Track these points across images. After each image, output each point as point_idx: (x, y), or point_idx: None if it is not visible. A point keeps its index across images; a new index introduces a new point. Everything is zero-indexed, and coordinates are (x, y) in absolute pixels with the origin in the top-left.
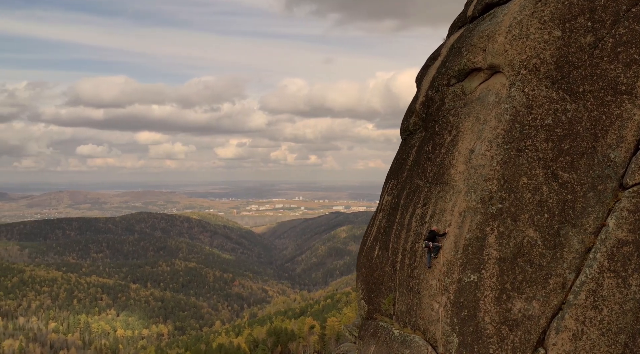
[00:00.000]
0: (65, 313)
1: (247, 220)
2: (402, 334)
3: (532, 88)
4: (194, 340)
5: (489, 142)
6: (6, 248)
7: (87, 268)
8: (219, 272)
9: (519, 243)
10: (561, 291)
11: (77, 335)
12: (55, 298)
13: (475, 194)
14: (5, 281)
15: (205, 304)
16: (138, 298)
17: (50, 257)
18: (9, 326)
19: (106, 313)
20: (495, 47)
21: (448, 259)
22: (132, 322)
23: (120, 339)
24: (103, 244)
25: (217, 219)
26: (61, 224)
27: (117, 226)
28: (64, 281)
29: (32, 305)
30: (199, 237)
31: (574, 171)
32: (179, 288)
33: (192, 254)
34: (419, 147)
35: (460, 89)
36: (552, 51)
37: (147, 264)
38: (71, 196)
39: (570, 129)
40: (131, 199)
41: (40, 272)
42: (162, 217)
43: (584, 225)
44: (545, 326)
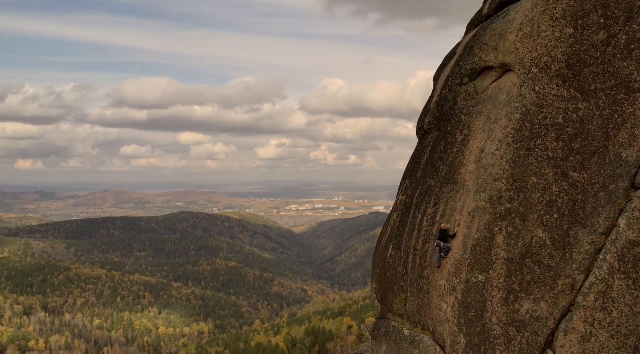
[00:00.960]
0: (109, 310)
1: (286, 220)
2: (412, 334)
3: (543, 86)
4: (234, 339)
5: (499, 141)
6: (53, 246)
7: (130, 266)
8: (259, 271)
9: (528, 243)
10: (570, 292)
11: (121, 332)
12: (99, 295)
13: (484, 193)
14: (52, 279)
15: (245, 303)
16: (179, 296)
17: (95, 256)
18: (55, 322)
19: (148, 310)
20: (506, 45)
21: (456, 259)
22: (174, 320)
23: (162, 337)
24: (146, 242)
25: (257, 218)
26: (105, 223)
27: (159, 225)
28: (108, 278)
29: (78, 302)
30: (239, 236)
31: (584, 171)
32: (219, 287)
33: (232, 254)
34: (432, 147)
35: (473, 87)
36: (564, 49)
37: (189, 263)
38: (115, 195)
39: (581, 128)
40: (173, 199)
41: (85, 270)
42: (203, 217)
43: (594, 225)
44: (554, 328)
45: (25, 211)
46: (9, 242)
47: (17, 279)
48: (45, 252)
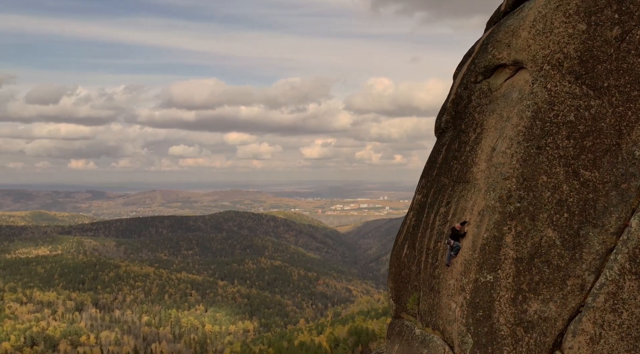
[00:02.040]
0: (157, 307)
1: (331, 219)
2: (423, 334)
3: (555, 84)
4: (278, 337)
5: (510, 139)
6: (104, 244)
7: (177, 265)
8: (304, 271)
9: (537, 243)
10: (580, 293)
11: (168, 329)
12: (148, 292)
13: (494, 192)
14: (102, 276)
15: (290, 302)
16: (225, 294)
17: (144, 254)
18: (105, 318)
19: (195, 308)
20: (518, 43)
21: (466, 259)
22: (220, 318)
23: (208, 334)
24: (193, 241)
25: (302, 218)
26: (154, 222)
27: (206, 224)
28: (156, 276)
29: (127, 299)
30: (284, 236)
31: (596, 169)
32: (264, 286)
33: (277, 253)
34: (448, 146)
35: (487, 85)
36: (577, 45)
37: (234, 261)
38: (164, 194)
39: (594, 126)
40: (220, 198)
41: (134, 267)
42: (249, 216)
43: (605, 225)
44: (562, 329)
45: (78, 210)
46: (63, 240)
47: (70, 276)
48: (96, 250)
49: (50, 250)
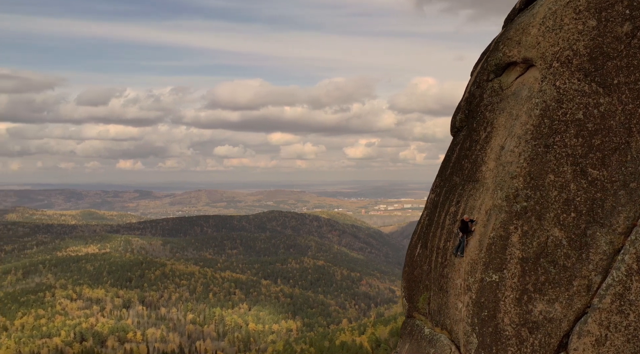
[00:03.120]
0: (201, 306)
1: (375, 219)
2: (431, 333)
3: (564, 81)
4: (320, 337)
5: (518, 138)
6: (151, 243)
7: (222, 264)
8: (347, 270)
9: (543, 243)
10: (586, 294)
11: (212, 327)
12: (192, 291)
13: (501, 191)
14: (148, 274)
15: (333, 302)
16: (269, 293)
17: (189, 253)
18: (151, 315)
19: (239, 307)
20: (528, 40)
21: (472, 258)
22: (263, 317)
23: (251, 333)
24: (237, 241)
25: (345, 218)
26: (199, 221)
27: (250, 223)
28: (201, 275)
29: (172, 297)
30: (327, 236)
31: (604, 168)
32: (307, 285)
33: (320, 253)
34: (461, 145)
35: (498, 84)
36: (586, 42)
37: (278, 261)
38: (209, 194)
39: (602, 124)
40: (264, 198)
41: (179, 266)
42: (292, 216)
43: (613, 225)
44: (568, 330)
45: (125, 209)
46: (111, 239)
47: (118, 274)
48: (143, 248)
49: (99, 248)
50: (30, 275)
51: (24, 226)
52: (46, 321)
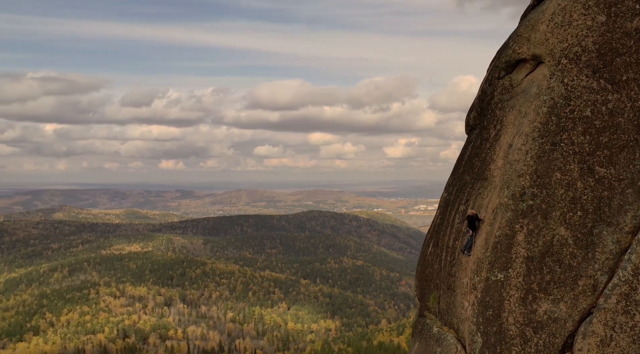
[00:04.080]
0: (241, 304)
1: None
2: (439, 332)
3: (572, 78)
4: (359, 337)
5: (526, 136)
6: (192, 242)
7: (261, 263)
8: (386, 271)
9: (549, 242)
10: (591, 293)
11: (252, 326)
12: (232, 289)
13: (507, 190)
14: (189, 272)
15: (372, 302)
16: (308, 293)
17: (229, 252)
18: (192, 313)
19: (278, 306)
20: (537, 36)
21: (478, 257)
22: (302, 316)
23: (290, 332)
24: (277, 240)
25: (385, 218)
26: (239, 221)
27: (289, 223)
28: (241, 274)
29: (213, 295)
30: (367, 236)
31: (612, 166)
32: (346, 285)
33: (359, 253)
34: (473, 143)
35: (509, 81)
36: (595, 38)
37: (317, 260)
38: (249, 194)
39: (610, 121)
40: (303, 198)
41: (219, 265)
42: (331, 216)
43: (620, 224)
44: (573, 330)
45: (167, 209)
46: (153, 238)
47: (159, 272)
48: (184, 247)
49: (141, 247)
50: (75, 273)
51: (70, 225)
52: (90, 318)
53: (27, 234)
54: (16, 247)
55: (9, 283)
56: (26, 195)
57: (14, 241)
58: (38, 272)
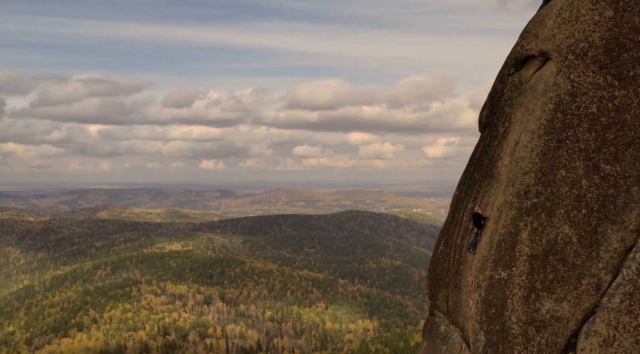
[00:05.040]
0: (279, 304)
1: None
2: (446, 331)
3: (578, 74)
4: (396, 337)
5: (532, 133)
6: (231, 241)
7: (300, 262)
8: (425, 271)
9: (552, 240)
10: (595, 293)
11: (290, 325)
12: (271, 289)
13: (513, 187)
14: (229, 271)
15: (410, 303)
16: (346, 293)
17: (268, 251)
18: (231, 312)
19: (316, 305)
20: (544, 32)
21: (483, 255)
22: (340, 316)
23: (328, 332)
24: (315, 240)
25: (424, 218)
26: (278, 221)
27: (328, 223)
28: (279, 273)
29: (251, 294)
30: (405, 236)
31: (617, 163)
32: (385, 285)
33: (398, 253)
34: (484, 141)
35: (518, 78)
36: (602, 33)
37: (355, 260)
38: (288, 194)
39: (617, 118)
40: (342, 198)
41: (258, 264)
42: (370, 216)
43: (625, 222)
44: (576, 330)
45: (208, 208)
46: (194, 237)
47: (199, 271)
48: (224, 246)
49: (182, 246)
50: (118, 270)
51: (113, 224)
52: (132, 315)
53: (72, 232)
54: (61, 246)
55: (55, 280)
56: (71, 194)
57: (59, 239)
58: (82, 269)
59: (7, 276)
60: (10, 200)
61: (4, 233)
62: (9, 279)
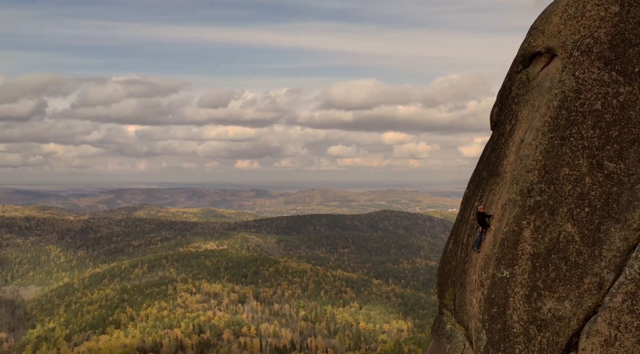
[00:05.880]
0: (313, 303)
1: None
2: (451, 329)
3: (583, 71)
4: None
5: (536, 130)
6: (265, 241)
7: (333, 262)
8: None
9: (555, 238)
10: (597, 292)
11: (324, 324)
12: (304, 288)
13: (516, 185)
14: (263, 270)
15: None
16: (380, 293)
17: (302, 251)
18: (265, 311)
19: (350, 305)
20: (550, 29)
21: (487, 253)
22: (374, 316)
23: (362, 332)
24: (349, 240)
25: None
26: (312, 220)
27: (362, 223)
28: (313, 273)
29: (285, 294)
30: (440, 236)
31: (621, 161)
32: (419, 286)
33: (433, 253)
34: (493, 139)
35: (525, 75)
36: (608, 29)
37: (389, 260)
38: (322, 193)
39: (621, 114)
40: (376, 198)
41: (292, 264)
42: (405, 216)
43: (628, 220)
44: (577, 329)
45: (242, 208)
46: (229, 236)
47: (234, 270)
48: (258, 246)
49: (217, 245)
50: (154, 269)
51: (150, 223)
52: (168, 313)
53: (110, 231)
54: (100, 244)
55: (93, 278)
56: (110, 194)
57: (98, 237)
58: (120, 268)
59: (47, 273)
60: (52, 199)
61: (45, 232)
62: (49, 276)
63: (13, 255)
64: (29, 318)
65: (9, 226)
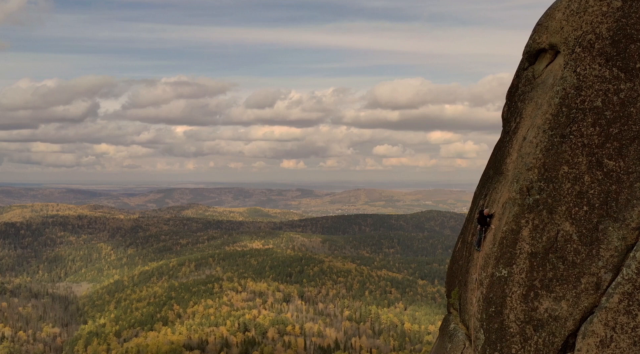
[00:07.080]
0: (357, 303)
1: None
2: (454, 328)
3: (584, 67)
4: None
5: (537, 128)
6: (310, 240)
7: (378, 262)
8: None
9: (553, 238)
10: (594, 292)
11: (368, 325)
12: (349, 288)
13: (517, 184)
14: (308, 270)
15: None
16: (425, 293)
17: (347, 250)
18: (310, 310)
19: (394, 306)
20: (553, 25)
21: (486, 253)
22: (419, 317)
23: (407, 333)
24: (394, 240)
25: None
26: (357, 220)
27: (408, 223)
28: (357, 273)
29: (330, 293)
30: None
31: (621, 159)
32: None
33: None
34: (500, 137)
35: (531, 72)
36: (610, 24)
37: (435, 261)
38: (368, 193)
39: (622, 111)
40: (422, 198)
41: (337, 263)
42: (451, 216)
43: (626, 219)
44: (573, 329)
45: (288, 207)
46: (275, 235)
47: (279, 269)
48: (303, 245)
49: (263, 244)
50: (201, 267)
51: (197, 222)
52: (214, 311)
53: (159, 230)
54: (149, 242)
55: (143, 276)
56: (159, 193)
57: (147, 236)
58: (168, 266)
59: (99, 270)
60: (103, 198)
61: (96, 230)
62: (100, 273)
63: (66, 252)
64: (81, 314)
65: (62, 224)
